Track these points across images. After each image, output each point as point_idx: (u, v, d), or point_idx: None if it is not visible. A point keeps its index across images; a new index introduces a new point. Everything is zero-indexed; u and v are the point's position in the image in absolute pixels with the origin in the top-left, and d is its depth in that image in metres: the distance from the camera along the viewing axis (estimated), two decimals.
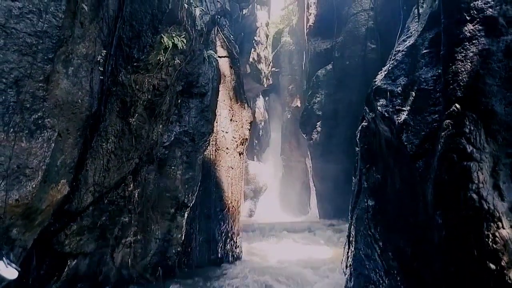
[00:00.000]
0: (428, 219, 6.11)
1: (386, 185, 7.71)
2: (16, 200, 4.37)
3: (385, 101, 7.81)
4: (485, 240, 4.86)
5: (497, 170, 5.04)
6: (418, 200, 6.49)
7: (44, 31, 4.51)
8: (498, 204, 4.98)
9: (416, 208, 6.58)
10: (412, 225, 6.75)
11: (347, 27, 20.24)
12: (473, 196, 4.98)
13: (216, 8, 7.70)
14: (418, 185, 6.59)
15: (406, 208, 6.97)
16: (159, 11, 5.86)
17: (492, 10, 5.29)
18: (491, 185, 4.99)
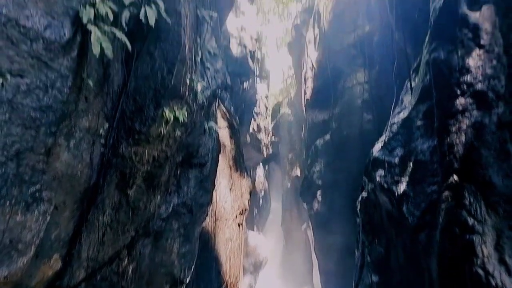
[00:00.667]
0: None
1: (389, 259, 7.49)
2: (5, 277, 4.21)
3: (384, 172, 7.86)
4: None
5: (501, 244, 4.93)
6: (423, 276, 6.26)
7: (49, 106, 4.67)
8: (506, 280, 4.80)
9: (421, 284, 6.32)
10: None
11: (343, 99, 20.91)
12: (478, 272, 4.82)
13: (217, 82, 8.06)
14: (422, 259, 6.40)
15: (411, 284, 6.70)
16: (162, 87, 6.12)
17: (481, 84, 5.51)
18: (496, 260, 4.84)
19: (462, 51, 5.73)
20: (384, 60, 17.23)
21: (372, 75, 20.15)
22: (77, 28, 4.94)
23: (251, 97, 26.68)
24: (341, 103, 20.83)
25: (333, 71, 21.73)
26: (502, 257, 4.87)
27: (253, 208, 25.67)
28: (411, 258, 6.75)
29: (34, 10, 4.62)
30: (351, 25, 21.62)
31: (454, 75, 5.76)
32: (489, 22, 5.57)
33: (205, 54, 7.71)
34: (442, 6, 6.09)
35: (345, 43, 21.53)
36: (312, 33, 24.63)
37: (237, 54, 20.15)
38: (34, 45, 4.60)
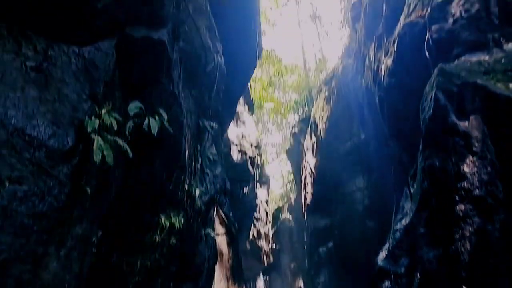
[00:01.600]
0: None
1: None
2: None
3: (390, 283, 7.46)
4: None
5: None
6: None
7: (43, 213, 4.60)
8: None
9: None
10: None
11: (344, 205, 20.79)
12: None
13: (216, 188, 8.10)
14: None
15: None
16: (160, 194, 6.13)
17: (479, 190, 5.51)
18: None
19: (456, 158, 5.86)
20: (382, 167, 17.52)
21: (371, 181, 20.32)
22: (80, 136, 5.12)
23: (251, 202, 26.56)
24: (342, 209, 20.66)
25: (332, 177, 21.99)
26: None
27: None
28: None
29: (41, 120, 4.84)
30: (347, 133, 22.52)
31: (451, 181, 5.80)
32: (478, 131, 5.80)
33: (205, 160, 7.89)
34: (431, 116, 6.40)
35: (342, 150, 22.16)
36: (309, 141, 25.52)
37: (237, 161, 20.62)
38: (36, 153, 4.72)
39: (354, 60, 22.23)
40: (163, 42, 6.44)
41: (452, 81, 6.38)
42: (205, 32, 8.03)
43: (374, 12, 15.83)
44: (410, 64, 10.55)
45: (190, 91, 7.31)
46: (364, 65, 17.76)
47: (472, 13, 8.66)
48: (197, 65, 7.56)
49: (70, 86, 5.22)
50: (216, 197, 8.29)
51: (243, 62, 13.34)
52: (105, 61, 5.66)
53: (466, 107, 6.09)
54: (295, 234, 27.93)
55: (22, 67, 4.94)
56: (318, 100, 25.96)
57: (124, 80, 6.15)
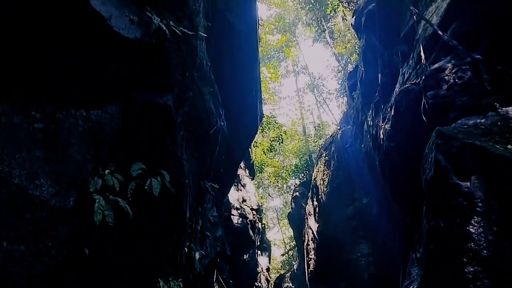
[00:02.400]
0: None
1: None
2: None
3: None
4: None
5: None
6: None
7: (40, 275, 4.47)
8: None
9: None
10: None
11: (349, 272, 20.09)
12: None
13: (216, 251, 7.89)
14: None
15: None
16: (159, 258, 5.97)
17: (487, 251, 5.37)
18: None
19: (460, 218, 5.79)
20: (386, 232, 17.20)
21: (375, 247, 19.82)
22: (82, 196, 5.12)
23: (251, 269, 25.71)
24: (347, 276, 19.93)
25: (335, 242, 21.50)
26: None
27: None
28: None
29: (45, 180, 4.87)
30: (349, 198, 22.41)
31: (457, 242, 5.68)
32: (480, 191, 5.79)
33: (205, 222, 7.78)
34: (433, 177, 6.43)
35: (344, 215, 21.89)
36: (311, 205, 25.30)
37: (238, 225, 20.31)
38: (37, 213, 4.69)
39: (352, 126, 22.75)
40: (169, 107, 6.67)
41: (450, 143, 6.49)
42: (208, 97, 8.33)
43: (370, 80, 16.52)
44: (407, 128, 10.79)
45: (192, 153, 7.42)
46: (363, 130, 18.15)
47: (465, 80, 9.03)
48: (200, 128, 7.75)
49: (75, 147, 5.32)
50: (216, 261, 8.03)
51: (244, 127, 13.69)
52: (111, 124, 5.83)
53: (466, 167, 6.14)
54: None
55: (30, 128, 5.07)
56: (319, 164, 26.15)
57: (129, 142, 6.28)
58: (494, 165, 5.89)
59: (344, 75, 28.60)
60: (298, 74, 35.36)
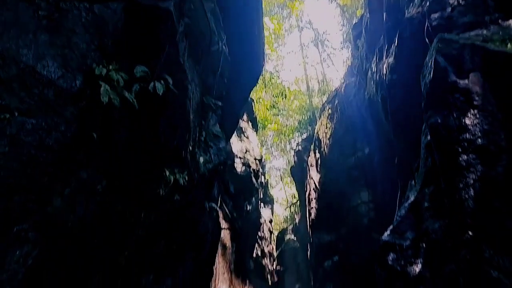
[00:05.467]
0: None
1: None
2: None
3: (396, 255, 7.32)
4: None
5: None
6: None
7: (50, 147, 4.67)
8: None
9: None
10: None
11: (349, 219, 20.51)
12: None
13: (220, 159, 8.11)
14: None
15: None
16: (164, 148, 6.18)
17: (481, 140, 5.54)
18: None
19: (457, 113, 5.92)
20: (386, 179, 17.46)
21: (376, 194, 20.16)
22: (88, 82, 5.27)
23: (254, 220, 26.29)
24: (347, 223, 20.38)
25: (336, 191, 21.84)
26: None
27: None
28: None
29: (51, 62, 5.01)
30: (351, 148, 22.56)
31: (453, 135, 5.84)
32: (478, 86, 5.89)
33: (209, 135, 7.97)
34: (432, 79, 6.52)
35: (346, 166, 22.11)
36: (313, 158, 25.54)
37: (241, 173, 20.60)
38: (45, 90, 4.86)
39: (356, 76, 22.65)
40: (170, 12, 6.70)
41: (451, 46, 6.54)
42: (210, 16, 8.33)
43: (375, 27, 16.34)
44: (410, 57, 10.78)
45: (195, 66, 7.51)
46: (367, 78, 18.11)
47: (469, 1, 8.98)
48: (202, 43, 7.80)
49: (79, 36, 5.42)
50: (220, 168, 8.29)
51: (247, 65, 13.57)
52: (114, 19, 5.90)
53: (465, 67, 6.22)
54: (299, 255, 27.38)
55: (34, 14, 5.16)
56: (322, 118, 26.20)
57: (132, 44, 6.36)
58: (493, 61, 5.97)
59: (348, 28, 28.17)
60: (302, 29, 34.81)
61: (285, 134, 34.04)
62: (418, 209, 7.68)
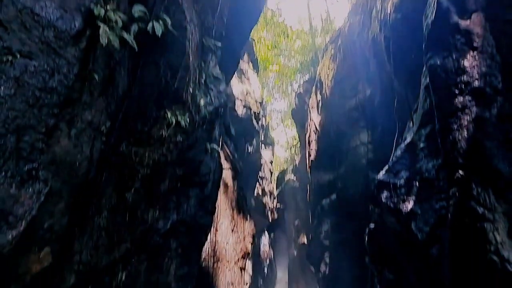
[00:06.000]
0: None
1: (400, 282, 6.99)
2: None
3: (389, 193, 7.66)
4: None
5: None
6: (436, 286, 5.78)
7: (54, 88, 4.79)
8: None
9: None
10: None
11: (348, 160, 20.94)
12: (493, 258, 4.48)
13: (220, 102, 8.24)
14: (434, 271, 5.97)
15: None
16: (165, 90, 6.29)
17: (478, 82, 5.61)
18: (511, 246, 4.52)
19: (456, 54, 5.93)
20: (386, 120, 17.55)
21: (375, 135, 20.38)
22: (87, 23, 5.25)
23: (255, 161, 26.84)
24: (346, 164, 20.83)
25: (336, 133, 22.07)
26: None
27: (258, 278, 24.40)
28: (423, 274, 6.29)
29: (48, 2, 4.97)
30: (352, 90, 22.42)
31: (451, 76, 5.90)
32: (479, 27, 5.85)
33: (209, 77, 8.02)
34: (434, 19, 6.43)
35: (347, 107, 22.12)
36: (314, 100, 25.50)
37: (242, 115, 20.74)
38: (45, 32, 4.87)
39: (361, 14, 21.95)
40: None
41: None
42: None
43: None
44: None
45: (193, 6, 7.37)
46: (371, 17, 17.59)
47: None
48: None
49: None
50: (221, 110, 8.45)
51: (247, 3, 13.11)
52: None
53: (468, 7, 6.12)
54: (299, 194, 28.27)
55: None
56: (324, 59, 25.78)
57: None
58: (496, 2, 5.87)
59: None
60: None
61: (286, 76, 33.68)
62: (414, 149, 7.91)
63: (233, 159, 11.52)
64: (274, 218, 27.04)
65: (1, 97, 4.36)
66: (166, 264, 6.89)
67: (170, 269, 6.92)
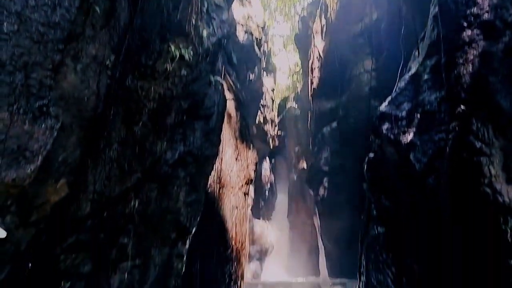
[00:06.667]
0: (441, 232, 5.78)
1: (396, 210, 7.41)
2: (13, 179, 4.25)
3: (390, 125, 7.82)
4: (503, 235, 4.54)
5: (509, 164, 4.87)
6: (430, 216, 6.18)
7: (57, 23, 4.73)
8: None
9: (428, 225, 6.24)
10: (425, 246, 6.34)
11: (351, 87, 20.84)
12: (486, 190, 4.75)
13: (223, 32, 8.09)
14: (429, 201, 6.32)
15: (418, 229, 6.61)
16: (167, 22, 6.18)
17: (488, 14, 5.48)
18: (504, 179, 4.78)
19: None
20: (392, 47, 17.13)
21: (379, 62, 20.04)
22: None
23: (257, 89, 26.70)
24: (348, 91, 20.77)
25: (340, 60, 21.67)
26: (510, 176, 4.81)
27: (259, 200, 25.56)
28: (418, 205, 6.66)
29: None
30: (358, 14, 21.57)
31: (460, 8, 5.74)
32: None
33: (210, 5, 7.77)
34: None
35: (352, 33, 21.47)
36: (319, 24, 24.65)
37: (244, 41, 20.24)
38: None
39: None
40: None
41: None
42: None
43: None
44: None
45: None
46: None
47: None
48: None
49: None
50: (223, 41, 8.33)
51: None
52: None
53: None
54: (300, 121, 28.54)
55: None
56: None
57: None
58: None
59: None
60: None
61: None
62: (418, 81, 7.90)
63: (235, 90, 11.55)
64: (275, 145, 27.61)
65: (5, 33, 4.34)
66: (175, 192, 7.29)
67: (180, 196, 7.34)
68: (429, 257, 6.15)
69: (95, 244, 6.27)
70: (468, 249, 4.95)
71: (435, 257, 5.92)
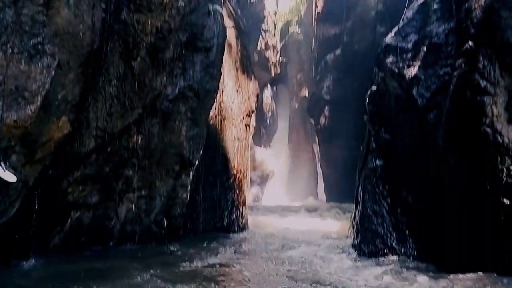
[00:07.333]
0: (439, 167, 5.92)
1: (395, 143, 7.51)
2: (15, 121, 4.29)
3: (395, 58, 7.63)
4: (499, 174, 4.66)
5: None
6: (429, 151, 6.28)
7: None
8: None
9: (426, 159, 6.38)
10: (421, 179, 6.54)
11: (356, 11, 20.00)
12: (486, 130, 4.78)
13: None
14: (429, 136, 6.39)
15: (416, 162, 6.76)
16: None
17: None
18: (505, 119, 4.78)
19: None
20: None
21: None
22: None
23: (258, 13, 25.64)
24: (354, 16, 19.97)
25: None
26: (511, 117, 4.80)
27: (261, 127, 25.79)
28: (418, 139, 6.74)
29: None
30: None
31: None
32: None
33: None
34: None
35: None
36: None
37: None
38: None
39: None
40: None
41: None
42: None
43: None
44: None
45: None
46: None
47: None
48: None
49: None
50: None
51: None
52: None
53: None
54: (303, 47, 27.78)
55: None
56: None
57: None
58: None
59: None
60: None
61: None
62: (427, 10, 7.55)
63: (235, 16, 11.07)
64: (277, 72, 27.18)
65: None
66: (177, 126, 7.34)
67: (181, 130, 7.40)
68: (424, 190, 6.38)
69: (100, 177, 6.48)
70: (466, 186, 5.10)
71: (431, 190, 6.13)
